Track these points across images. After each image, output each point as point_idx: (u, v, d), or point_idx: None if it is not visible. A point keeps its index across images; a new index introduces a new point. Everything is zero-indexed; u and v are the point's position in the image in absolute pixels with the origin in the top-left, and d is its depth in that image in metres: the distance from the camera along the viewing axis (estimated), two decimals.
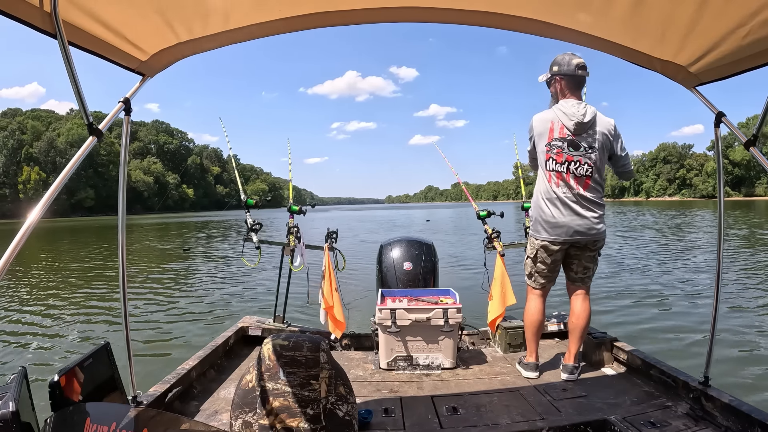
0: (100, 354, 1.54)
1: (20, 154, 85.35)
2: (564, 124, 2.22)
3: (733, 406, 1.68)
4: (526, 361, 2.39)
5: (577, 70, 2.23)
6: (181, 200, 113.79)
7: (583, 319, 2.32)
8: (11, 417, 0.99)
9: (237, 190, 3.26)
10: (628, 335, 4.21)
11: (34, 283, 8.87)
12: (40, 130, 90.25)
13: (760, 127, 1.49)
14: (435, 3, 1.47)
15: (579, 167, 2.21)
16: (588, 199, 2.23)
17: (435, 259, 3.22)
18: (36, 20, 1.12)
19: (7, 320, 5.89)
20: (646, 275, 7.91)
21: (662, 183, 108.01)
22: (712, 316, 1.87)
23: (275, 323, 3.01)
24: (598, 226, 2.25)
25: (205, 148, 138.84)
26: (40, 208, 1.04)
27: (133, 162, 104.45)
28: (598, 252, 2.34)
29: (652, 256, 10.44)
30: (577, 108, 2.21)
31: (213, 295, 7.33)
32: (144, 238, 21.38)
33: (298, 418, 1.28)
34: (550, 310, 2.92)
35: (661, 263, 9.26)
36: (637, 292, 6.51)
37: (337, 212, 64.84)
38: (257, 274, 8.51)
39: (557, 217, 2.24)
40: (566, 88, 2.27)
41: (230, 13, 1.44)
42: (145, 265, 11.47)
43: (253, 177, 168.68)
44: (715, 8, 1.29)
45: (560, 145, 2.22)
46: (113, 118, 1.46)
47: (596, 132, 2.22)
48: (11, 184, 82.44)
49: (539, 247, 2.33)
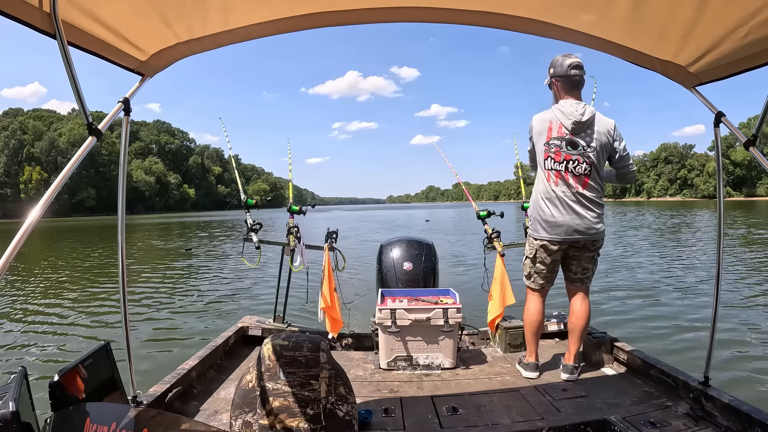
0: (100, 354, 1.54)
1: (22, 154, 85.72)
2: (562, 123, 2.23)
3: (733, 406, 1.68)
4: (526, 361, 2.39)
5: (570, 70, 2.25)
6: (182, 200, 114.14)
7: (582, 319, 2.32)
8: (11, 417, 0.99)
9: (238, 189, 3.27)
10: (628, 335, 4.21)
11: (34, 282, 8.87)
12: (42, 130, 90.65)
13: (759, 127, 1.49)
14: (435, 3, 1.47)
15: (577, 166, 2.22)
16: (587, 198, 2.23)
17: (435, 259, 3.22)
18: (35, 20, 1.12)
19: (8, 320, 5.89)
20: (647, 275, 7.91)
21: (663, 183, 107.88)
22: (712, 315, 1.87)
23: (275, 323, 3.01)
24: (597, 226, 2.25)
25: (207, 148, 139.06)
26: (40, 207, 1.05)
27: (135, 162, 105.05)
28: (597, 252, 2.34)
29: (652, 256, 10.44)
30: (576, 107, 2.22)
31: (213, 295, 7.33)
32: (146, 238, 21.42)
33: (298, 418, 1.28)
34: (549, 311, 2.92)
35: (661, 263, 9.26)
36: (637, 292, 6.51)
37: (338, 212, 64.92)
38: (257, 274, 8.52)
39: (556, 216, 2.24)
40: (563, 89, 2.29)
41: (229, 13, 1.44)
42: (145, 264, 11.48)
43: (255, 177, 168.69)
44: (715, 8, 1.29)
45: (558, 143, 2.23)
46: (113, 118, 1.46)
47: (595, 132, 2.23)
48: (13, 184, 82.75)
49: (538, 247, 2.33)
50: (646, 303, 5.91)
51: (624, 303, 5.90)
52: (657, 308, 5.62)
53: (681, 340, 4.31)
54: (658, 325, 4.85)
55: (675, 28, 1.45)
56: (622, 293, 6.47)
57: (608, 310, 5.50)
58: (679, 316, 5.18)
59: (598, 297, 6.14)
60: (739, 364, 3.64)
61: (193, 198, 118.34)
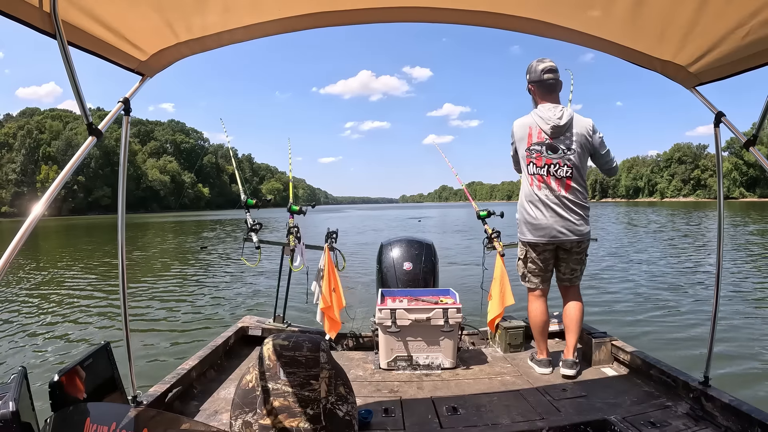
0: (100, 354, 1.54)
1: (38, 153, 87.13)
2: (541, 128, 2.29)
3: (733, 406, 1.68)
4: (538, 358, 2.43)
5: (543, 74, 2.31)
6: (196, 199, 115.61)
7: (575, 314, 2.39)
8: (11, 417, 0.99)
9: (250, 188, 3.27)
10: (628, 335, 4.21)
11: (34, 282, 8.86)
12: (59, 129, 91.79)
13: (759, 127, 1.49)
14: (434, 3, 1.47)
15: (558, 169, 2.27)
16: (570, 200, 2.29)
17: (435, 259, 3.22)
18: (35, 20, 1.12)
19: (8, 320, 5.89)
20: (647, 275, 7.90)
21: (677, 184, 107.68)
22: (712, 315, 1.88)
23: (275, 323, 3.01)
24: (581, 228, 2.31)
25: (221, 147, 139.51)
26: (42, 205, 1.06)
27: (149, 161, 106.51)
28: (584, 253, 2.41)
29: (652, 255, 10.44)
30: (553, 112, 2.27)
31: (213, 294, 7.32)
32: (153, 237, 21.32)
33: (298, 418, 1.28)
34: (550, 311, 2.93)
35: (661, 263, 9.26)
36: (637, 292, 6.51)
37: (352, 211, 65.21)
38: (257, 274, 8.51)
39: (539, 219, 2.31)
40: (539, 93, 2.36)
41: (229, 12, 1.44)
42: (147, 264, 11.47)
43: (268, 176, 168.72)
44: (715, 8, 1.29)
45: (539, 149, 2.29)
46: (113, 118, 1.46)
47: (573, 134, 2.28)
48: (30, 183, 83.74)
49: (527, 249, 2.41)
50: (647, 303, 5.90)
51: (624, 303, 5.90)
52: (657, 308, 5.61)
53: (681, 340, 4.30)
54: (658, 325, 4.85)
55: (675, 28, 1.45)
56: (622, 293, 6.46)
57: (609, 310, 5.50)
58: (679, 316, 5.17)
59: (599, 297, 6.14)
60: (739, 364, 3.64)
61: (208, 197, 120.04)
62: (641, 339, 4.28)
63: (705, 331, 4.36)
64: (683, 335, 4.46)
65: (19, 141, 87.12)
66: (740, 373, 3.46)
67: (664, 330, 4.67)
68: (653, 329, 4.71)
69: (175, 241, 19.55)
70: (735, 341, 4.19)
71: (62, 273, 10.19)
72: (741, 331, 4.52)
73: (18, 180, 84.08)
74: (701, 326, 4.66)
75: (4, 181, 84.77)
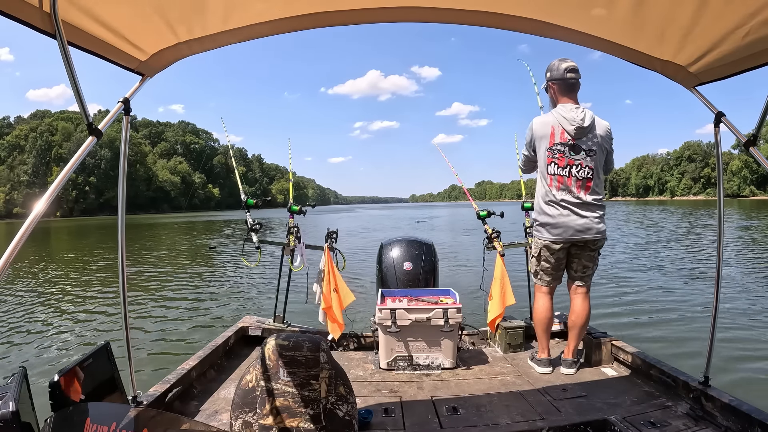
0: (100, 354, 1.54)
1: (50, 155, 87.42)
2: (565, 129, 2.28)
3: (733, 406, 1.68)
4: (539, 357, 2.43)
5: (566, 73, 2.32)
6: (207, 199, 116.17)
7: (582, 317, 2.38)
8: (11, 417, 0.99)
9: (260, 188, 3.28)
10: (628, 335, 4.21)
11: (34, 282, 8.87)
12: (70, 131, 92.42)
13: (759, 127, 1.49)
14: (434, 3, 1.47)
15: (580, 170, 2.28)
16: (589, 201, 2.30)
17: (435, 259, 3.22)
18: (35, 20, 1.12)
19: (8, 320, 5.89)
20: (647, 275, 7.90)
21: (687, 182, 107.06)
22: (712, 315, 1.87)
23: (275, 323, 3.01)
24: (599, 226, 2.31)
25: (231, 148, 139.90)
26: (43, 204, 1.06)
27: (160, 162, 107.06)
28: (597, 252, 2.40)
29: (653, 255, 10.43)
30: (576, 113, 2.28)
31: (213, 294, 7.33)
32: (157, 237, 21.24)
33: (298, 418, 1.28)
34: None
35: (662, 263, 9.26)
36: (637, 292, 6.51)
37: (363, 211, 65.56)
38: (257, 274, 8.51)
39: (558, 219, 2.31)
40: (559, 92, 2.36)
41: (229, 12, 1.43)
42: (149, 264, 11.46)
43: (278, 176, 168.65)
44: (715, 8, 1.29)
45: (562, 149, 2.29)
46: (113, 117, 1.46)
47: (595, 135, 2.30)
48: (41, 184, 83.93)
49: (542, 247, 2.40)
50: (647, 303, 5.90)
51: (624, 303, 5.90)
52: (657, 308, 5.61)
53: (681, 340, 4.30)
54: (658, 325, 4.85)
55: (675, 28, 1.45)
56: (623, 293, 6.46)
57: (609, 311, 5.50)
58: (679, 316, 5.17)
59: (600, 297, 6.13)
60: (739, 364, 3.64)
61: (218, 197, 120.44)
62: (641, 339, 4.28)
63: (705, 330, 4.36)
64: (683, 335, 4.46)
65: (30, 143, 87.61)
66: (740, 373, 3.46)
67: (664, 330, 4.67)
68: (653, 329, 4.72)
69: (184, 240, 19.51)
70: (735, 341, 4.18)
71: (63, 273, 10.20)
72: (741, 331, 4.51)
73: (30, 181, 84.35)
74: (701, 326, 4.66)
75: (15, 182, 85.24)
